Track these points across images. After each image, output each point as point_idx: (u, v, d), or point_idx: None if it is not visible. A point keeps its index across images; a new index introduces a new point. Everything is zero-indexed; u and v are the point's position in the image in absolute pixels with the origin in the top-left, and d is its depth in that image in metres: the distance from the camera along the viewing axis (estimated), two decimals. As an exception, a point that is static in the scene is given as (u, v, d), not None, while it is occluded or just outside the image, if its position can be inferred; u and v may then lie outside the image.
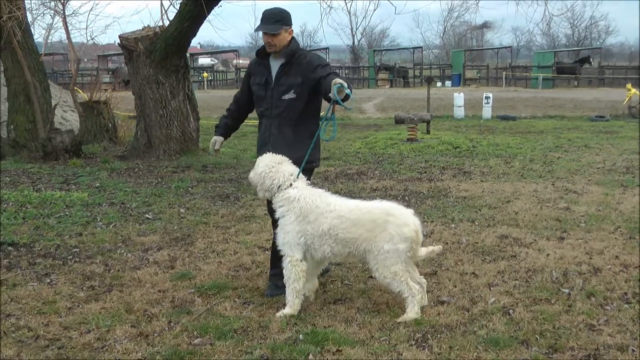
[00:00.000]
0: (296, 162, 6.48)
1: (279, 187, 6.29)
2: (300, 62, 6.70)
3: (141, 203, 11.18)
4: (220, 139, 7.15)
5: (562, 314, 6.18)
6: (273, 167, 6.32)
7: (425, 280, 6.50)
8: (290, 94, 6.65)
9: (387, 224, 6.06)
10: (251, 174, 6.50)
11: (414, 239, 6.12)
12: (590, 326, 5.91)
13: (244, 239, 8.86)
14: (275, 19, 6.61)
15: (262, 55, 6.85)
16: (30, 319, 6.18)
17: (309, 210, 6.18)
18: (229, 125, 7.21)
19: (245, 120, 7.39)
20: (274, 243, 6.86)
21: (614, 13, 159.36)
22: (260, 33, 6.76)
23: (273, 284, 6.87)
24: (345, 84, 6.07)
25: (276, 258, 6.66)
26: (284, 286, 6.38)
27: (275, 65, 6.75)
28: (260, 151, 6.76)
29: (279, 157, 6.41)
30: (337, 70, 60.62)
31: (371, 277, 6.45)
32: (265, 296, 6.78)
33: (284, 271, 6.30)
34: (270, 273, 7.05)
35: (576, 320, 6.03)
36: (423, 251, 6.42)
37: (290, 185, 6.29)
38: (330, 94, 6.12)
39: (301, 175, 6.40)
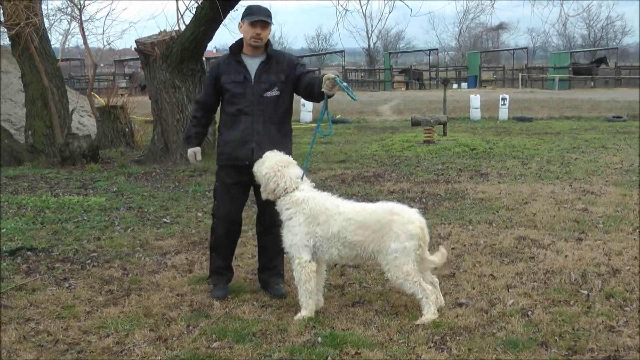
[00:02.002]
0: None
1: (285, 189, 6.30)
2: (279, 60, 6.79)
3: (159, 207, 11.22)
4: (198, 149, 7.08)
5: (581, 315, 6.15)
6: (278, 171, 6.32)
7: (437, 280, 6.49)
8: (273, 91, 6.70)
9: (392, 223, 6.07)
10: (255, 168, 6.50)
11: (420, 236, 6.12)
12: (610, 327, 5.87)
13: (261, 242, 8.85)
14: (267, 14, 6.71)
15: (235, 52, 6.82)
16: (50, 324, 6.21)
17: (318, 211, 6.19)
18: (200, 133, 7.13)
19: None
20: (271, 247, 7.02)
21: (631, 13, 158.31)
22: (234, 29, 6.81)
23: (275, 284, 7.03)
24: (339, 79, 6.27)
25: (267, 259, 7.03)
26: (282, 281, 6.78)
27: (252, 63, 6.75)
28: (240, 149, 6.72)
29: (285, 159, 6.42)
30: (339, 73, 60.52)
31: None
32: (276, 297, 6.86)
33: (294, 273, 6.34)
34: (267, 275, 7.13)
35: (595, 321, 5.99)
36: (435, 259, 6.40)
37: (297, 187, 6.31)
38: (323, 89, 6.30)
39: (304, 177, 6.43)
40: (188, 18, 15.93)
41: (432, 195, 11.87)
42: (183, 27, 15.95)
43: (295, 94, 6.90)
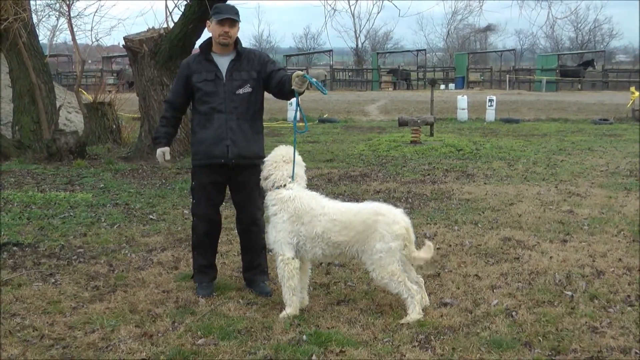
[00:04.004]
0: (254, 157, 6.77)
1: (273, 184, 6.38)
2: (250, 57, 6.82)
3: (145, 204, 11.22)
4: (167, 149, 7.06)
5: (565, 316, 6.19)
6: (276, 162, 6.42)
7: (422, 279, 6.51)
8: (245, 88, 6.73)
9: (377, 224, 6.09)
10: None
11: (406, 237, 6.14)
12: (593, 328, 5.92)
13: (247, 240, 8.86)
14: (235, 12, 6.74)
15: (205, 51, 6.84)
16: (35, 319, 6.21)
17: (303, 211, 6.22)
18: (169, 134, 7.11)
19: None
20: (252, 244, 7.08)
21: (618, 16, 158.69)
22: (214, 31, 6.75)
23: (260, 282, 7.07)
24: (307, 75, 6.30)
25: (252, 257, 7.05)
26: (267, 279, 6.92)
27: (222, 61, 6.78)
28: (216, 147, 6.72)
29: (290, 156, 6.50)
30: (328, 73, 60.48)
31: (374, 278, 6.48)
32: (265, 295, 6.89)
33: (277, 270, 6.37)
34: (252, 274, 7.15)
35: (579, 322, 6.04)
36: (421, 254, 6.40)
37: (284, 185, 6.35)
38: (293, 87, 6.34)
39: (300, 176, 6.45)
40: (177, 16, 15.97)
41: (418, 196, 11.90)
42: (172, 25, 15.94)
43: (266, 92, 6.92)
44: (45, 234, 9.27)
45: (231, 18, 6.65)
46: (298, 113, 6.68)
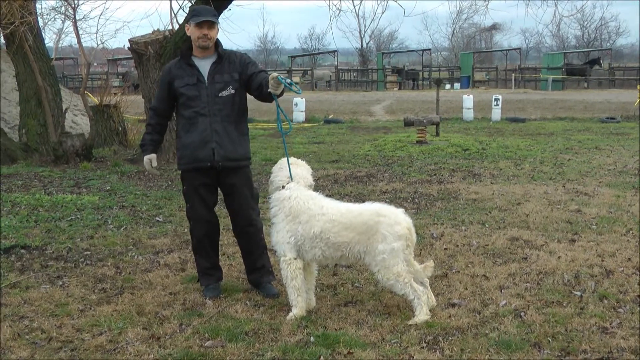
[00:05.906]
0: (240, 159, 6.80)
1: (275, 186, 6.45)
2: (231, 59, 6.81)
3: (151, 206, 11.22)
4: (154, 156, 7.05)
5: (574, 316, 6.16)
6: (280, 166, 6.55)
7: (427, 279, 6.48)
8: (228, 90, 6.71)
9: (379, 225, 6.08)
10: None
11: (408, 237, 6.13)
12: (603, 329, 5.89)
13: (254, 242, 8.84)
14: (213, 13, 6.74)
15: (186, 56, 6.84)
16: (43, 321, 6.21)
17: (299, 210, 6.23)
18: (155, 141, 7.10)
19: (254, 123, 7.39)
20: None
21: (625, 14, 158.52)
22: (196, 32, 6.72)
23: (267, 283, 7.06)
24: (281, 77, 6.28)
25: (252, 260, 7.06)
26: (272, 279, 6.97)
27: (203, 64, 6.77)
28: (201, 150, 6.70)
29: (301, 162, 6.61)
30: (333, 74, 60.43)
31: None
32: (267, 296, 6.89)
33: (281, 271, 6.39)
34: (256, 276, 7.13)
35: (588, 322, 6.01)
36: (418, 266, 6.39)
37: (283, 187, 6.37)
38: (270, 89, 6.30)
39: (300, 176, 6.45)
40: (181, 17, 15.97)
41: (425, 196, 11.88)
42: (176, 27, 15.94)
43: (247, 94, 6.91)
44: (52, 236, 9.28)
45: (209, 20, 6.65)
46: (281, 114, 6.73)
